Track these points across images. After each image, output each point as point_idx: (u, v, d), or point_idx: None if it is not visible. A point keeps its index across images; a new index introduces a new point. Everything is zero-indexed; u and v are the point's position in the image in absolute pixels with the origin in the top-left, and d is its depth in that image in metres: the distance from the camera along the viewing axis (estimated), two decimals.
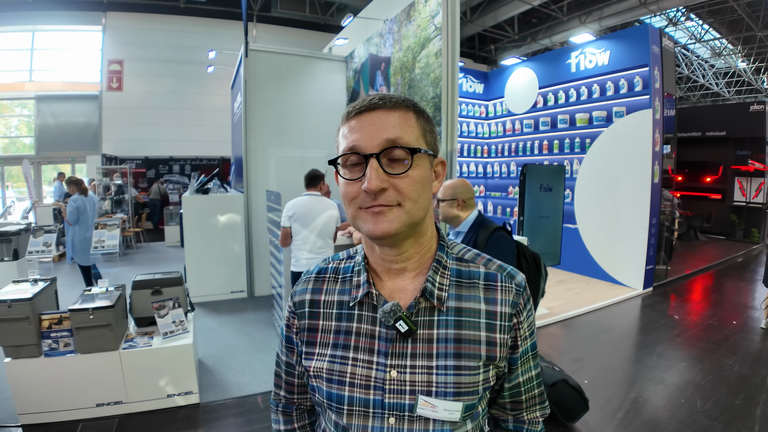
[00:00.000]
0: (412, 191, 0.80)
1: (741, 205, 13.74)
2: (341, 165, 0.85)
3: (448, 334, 0.86)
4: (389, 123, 0.81)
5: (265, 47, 6.79)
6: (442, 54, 4.07)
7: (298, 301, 0.98)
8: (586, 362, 4.67)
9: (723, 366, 4.57)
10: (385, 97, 0.84)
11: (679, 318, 6.15)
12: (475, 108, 10.95)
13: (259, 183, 6.91)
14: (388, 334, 0.87)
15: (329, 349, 0.91)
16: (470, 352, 0.86)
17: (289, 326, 1.00)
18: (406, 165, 0.80)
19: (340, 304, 0.93)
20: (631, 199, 7.39)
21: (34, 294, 3.36)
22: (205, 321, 5.86)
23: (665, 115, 7.45)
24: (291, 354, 1.03)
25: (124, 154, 14.75)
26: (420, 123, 0.86)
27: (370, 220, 0.81)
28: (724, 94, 20.22)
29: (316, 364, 0.91)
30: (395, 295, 0.89)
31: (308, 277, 1.01)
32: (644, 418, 3.63)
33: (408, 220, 0.81)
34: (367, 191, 0.79)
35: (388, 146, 0.80)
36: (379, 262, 0.91)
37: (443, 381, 0.84)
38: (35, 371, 3.34)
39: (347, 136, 0.83)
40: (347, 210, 0.86)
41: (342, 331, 0.91)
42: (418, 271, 0.90)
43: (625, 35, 7.77)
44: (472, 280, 0.91)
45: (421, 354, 0.86)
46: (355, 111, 0.84)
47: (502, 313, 0.89)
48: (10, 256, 6.61)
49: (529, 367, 0.98)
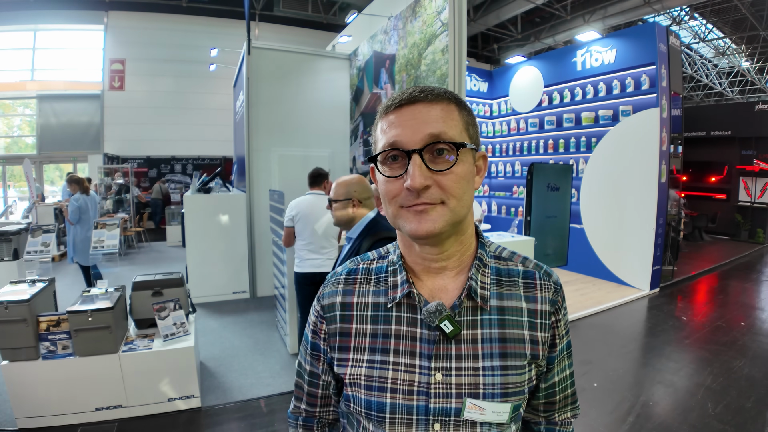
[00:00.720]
0: (457, 188, 0.77)
1: (746, 205, 13.69)
2: (380, 162, 0.81)
3: (492, 333, 0.84)
4: (431, 116, 0.77)
5: (268, 45, 6.73)
6: (449, 50, 3.99)
7: (328, 304, 0.93)
8: (594, 365, 4.61)
9: (733, 368, 4.51)
10: (426, 89, 0.80)
11: (686, 319, 6.09)
12: (479, 107, 10.89)
13: (262, 182, 6.84)
14: (431, 335, 0.83)
15: (366, 354, 0.87)
16: (516, 351, 0.84)
17: (316, 332, 0.95)
18: (450, 161, 0.77)
19: (375, 306, 0.89)
20: (637, 198, 7.31)
21: (32, 295, 3.28)
22: (206, 322, 5.80)
23: (672, 114, 7.38)
24: (316, 363, 0.97)
25: (126, 153, 14.75)
26: (463, 116, 0.82)
27: (412, 220, 0.77)
28: (727, 94, 20.14)
29: (352, 370, 0.87)
30: (436, 294, 0.86)
31: (337, 278, 0.95)
32: (655, 422, 3.57)
33: (452, 218, 0.78)
34: (410, 189, 0.75)
35: (431, 141, 0.76)
36: (418, 261, 0.87)
37: (490, 382, 0.82)
38: (33, 374, 3.27)
39: (387, 131, 0.80)
40: (387, 209, 0.82)
41: (379, 334, 0.86)
42: (458, 269, 0.87)
43: (631, 33, 7.70)
44: (512, 278, 0.89)
45: (467, 355, 0.83)
46: (395, 105, 0.80)
47: (542, 311, 0.88)
48: (10, 256, 6.56)
49: (564, 366, 0.96)
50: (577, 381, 4.13)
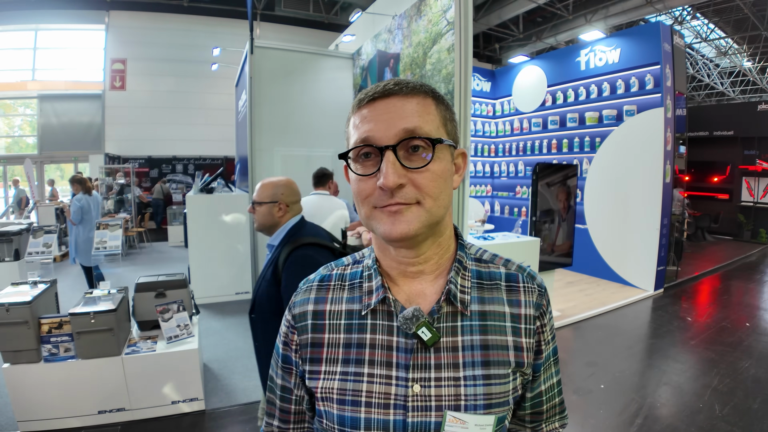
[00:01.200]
0: (433, 187, 0.72)
1: (749, 206, 13.69)
2: (352, 159, 0.76)
3: (473, 340, 0.79)
4: (406, 111, 0.73)
5: (271, 44, 6.67)
6: (455, 49, 3.95)
7: (299, 313, 0.87)
8: (600, 366, 4.58)
9: (739, 369, 4.50)
10: (401, 82, 0.75)
11: (691, 320, 6.06)
12: (482, 106, 10.86)
13: None
14: (408, 343, 0.78)
15: (339, 365, 0.81)
16: (499, 359, 0.79)
17: (287, 343, 0.89)
18: (425, 158, 0.72)
19: (349, 314, 0.83)
20: (642, 199, 7.29)
21: (34, 297, 3.25)
22: (209, 323, 5.76)
23: (676, 114, 7.35)
24: (288, 376, 0.91)
25: (127, 153, 14.74)
26: (440, 110, 0.77)
27: (386, 221, 0.73)
28: (729, 94, 20.12)
29: (324, 384, 0.81)
30: (413, 300, 0.81)
31: (309, 285, 0.90)
32: (663, 423, 3.55)
33: (428, 219, 0.73)
34: (383, 188, 0.70)
35: (405, 137, 0.71)
36: (394, 265, 0.82)
37: (472, 393, 0.77)
38: (35, 377, 3.24)
39: (359, 126, 0.75)
40: (360, 209, 0.77)
41: (353, 344, 0.81)
42: (437, 273, 0.82)
43: (635, 33, 7.67)
44: (493, 281, 0.84)
45: (447, 364, 0.77)
46: (368, 98, 0.75)
47: (526, 315, 0.83)
48: (11, 257, 6.54)
49: (551, 373, 0.92)
50: (583, 382, 4.13)
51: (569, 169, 6.04)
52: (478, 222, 7.81)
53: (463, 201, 4.04)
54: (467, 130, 4.04)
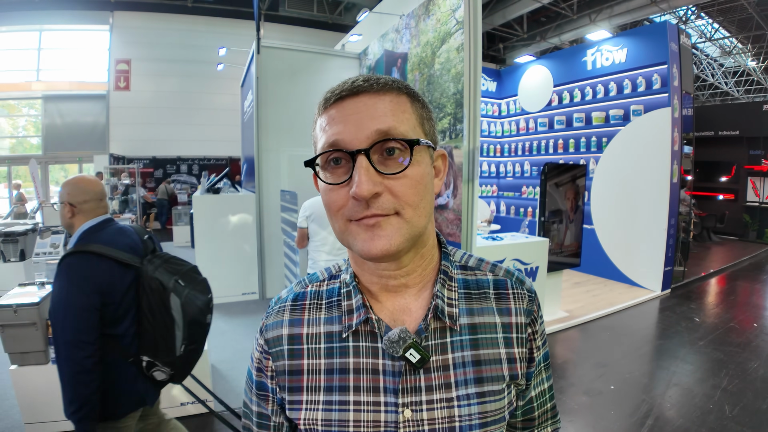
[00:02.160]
0: (412, 195, 0.65)
1: (754, 206, 13.62)
2: (320, 166, 0.68)
3: (465, 356, 0.74)
4: (379, 110, 0.65)
5: (278, 44, 6.68)
6: (464, 48, 3.93)
7: (272, 337, 0.79)
8: (610, 367, 4.56)
9: (748, 370, 4.47)
10: (371, 78, 0.68)
11: (699, 321, 6.03)
12: (488, 106, 10.84)
13: (271, 182, 6.80)
14: (395, 366, 0.72)
15: (322, 394, 0.74)
16: (493, 374, 0.75)
17: (261, 369, 0.81)
18: (402, 162, 0.65)
19: (329, 337, 0.76)
20: (649, 199, 7.25)
21: (42, 298, 3.22)
22: (216, 324, 5.74)
23: (683, 113, 7.31)
24: (264, 403, 0.83)
25: (132, 153, 14.77)
26: (416, 109, 0.70)
27: (363, 236, 0.65)
28: (733, 94, 20.07)
29: (307, 415, 0.75)
30: (398, 317, 0.75)
31: (282, 306, 0.82)
32: (675, 425, 3.53)
33: (410, 231, 0.66)
34: (356, 198, 0.63)
35: (379, 139, 0.64)
36: (374, 279, 0.75)
37: (467, 413, 0.72)
38: (42, 379, 3.21)
39: (326, 129, 0.67)
40: (333, 224, 0.70)
41: (335, 369, 0.74)
42: (421, 285, 0.76)
43: (642, 32, 7.64)
44: (481, 290, 0.79)
45: (438, 385, 0.72)
46: (335, 97, 0.68)
47: (518, 324, 0.79)
48: (17, 257, 6.54)
49: (542, 379, 0.86)
50: (593, 383, 4.11)
51: (578, 169, 6.02)
52: (484, 222, 7.79)
53: (471, 203, 4.02)
54: (477, 127, 4.02)
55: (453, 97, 4.21)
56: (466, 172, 4.04)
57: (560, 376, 4.34)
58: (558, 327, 5.62)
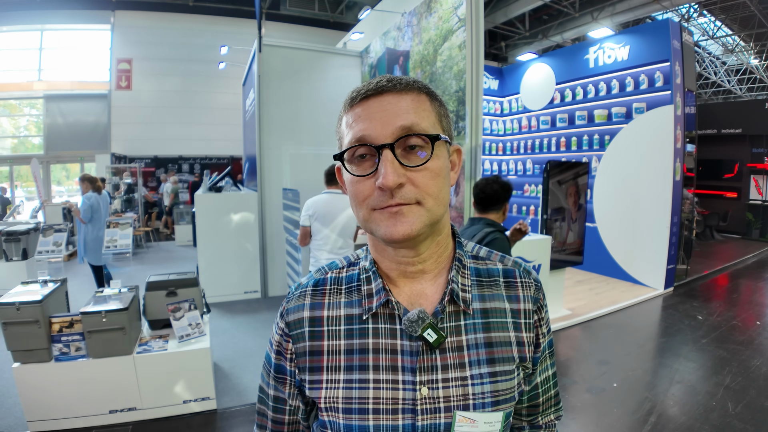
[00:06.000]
0: (433, 186, 0.71)
1: (757, 204, 13.60)
2: (347, 160, 0.74)
3: (478, 338, 0.79)
4: (401, 108, 0.71)
5: (280, 42, 6.67)
6: (467, 46, 3.92)
7: (294, 320, 0.83)
8: (612, 365, 4.56)
9: (750, 367, 4.47)
10: (394, 78, 0.74)
11: (702, 319, 6.02)
12: (490, 104, 10.82)
13: (273, 181, 6.80)
14: (413, 346, 0.77)
15: (342, 373, 0.79)
16: (503, 355, 0.80)
17: (281, 352, 0.85)
18: (423, 156, 0.71)
19: (349, 319, 0.81)
20: (651, 197, 7.23)
21: (44, 296, 3.23)
22: (218, 322, 5.75)
23: (686, 111, 7.29)
24: (282, 386, 0.87)
25: (134, 153, 14.75)
26: (434, 107, 0.76)
27: (387, 222, 0.71)
28: (735, 91, 20.01)
29: (328, 393, 0.79)
30: (415, 300, 0.80)
31: (303, 290, 0.86)
32: (677, 422, 3.53)
33: (429, 219, 0.72)
34: (382, 188, 0.69)
35: (403, 134, 0.70)
36: (393, 266, 0.80)
37: (480, 391, 0.77)
38: (45, 376, 3.23)
39: (353, 125, 0.73)
40: (357, 212, 0.75)
41: (355, 350, 0.79)
42: (436, 272, 0.81)
43: (644, 30, 7.62)
44: (492, 278, 0.85)
45: (453, 364, 0.77)
46: (361, 96, 0.73)
47: (525, 310, 0.84)
48: (19, 256, 6.55)
49: (546, 366, 0.92)
50: (596, 381, 4.10)
51: (580, 167, 6.01)
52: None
53: None
54: (479, 125, 4.01)
55: (455, 95, 4.20)
56: (468, 170, 4.04)
57: (563, 374, 4.34)
58: (561, 325, 5.61)
